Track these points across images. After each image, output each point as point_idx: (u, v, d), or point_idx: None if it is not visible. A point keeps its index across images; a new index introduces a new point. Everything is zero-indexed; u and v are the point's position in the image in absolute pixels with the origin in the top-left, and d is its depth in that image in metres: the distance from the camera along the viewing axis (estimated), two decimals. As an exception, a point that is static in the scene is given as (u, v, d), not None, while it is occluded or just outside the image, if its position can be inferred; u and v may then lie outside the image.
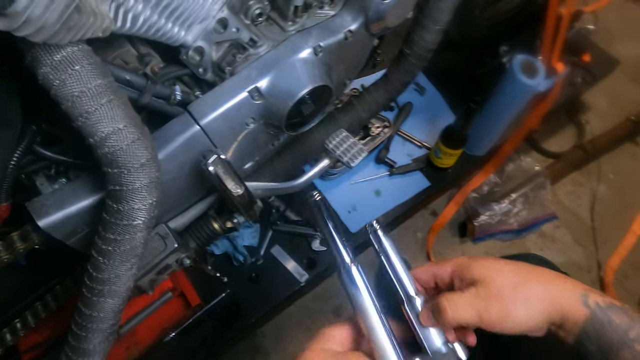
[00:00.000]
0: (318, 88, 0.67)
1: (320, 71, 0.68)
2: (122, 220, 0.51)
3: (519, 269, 0.44)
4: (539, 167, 1.47)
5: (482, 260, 0.45)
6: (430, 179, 1.25)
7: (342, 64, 0.75)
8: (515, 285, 0.42)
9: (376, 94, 0.90)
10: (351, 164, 0.67)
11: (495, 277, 0.43)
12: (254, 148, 0.72)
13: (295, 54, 0.66)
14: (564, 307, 0.42)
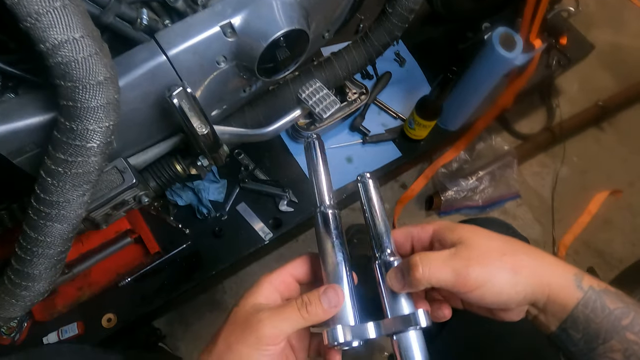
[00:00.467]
0: (294, 32, 0.64)
1: (298, 14, 0.65)
2: (74, 140, 0.49)
3: (507, 240, 0.40)
4: (508, 147, 1.50)
5: (465, 225, 0.41)
6: (402, 150, 1.26)
7: (321, 13, 0.73)
8: (503, 252, 0.38)
9: (355, 53, 0.89)
10: (323, 115, 0.66)
11: (481, 241, 0.39)
12: (224, 92, 0.69)
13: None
14: (553, 287, 0.37)
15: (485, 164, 1.48)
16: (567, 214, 1.46)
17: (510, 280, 0.37)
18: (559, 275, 0.38)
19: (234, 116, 0.78)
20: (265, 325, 0.36)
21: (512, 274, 0.37)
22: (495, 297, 0.37)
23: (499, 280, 0.37)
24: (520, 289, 0.37)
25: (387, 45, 0.89)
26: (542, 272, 0.38)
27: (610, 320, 0.36)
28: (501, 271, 0.37)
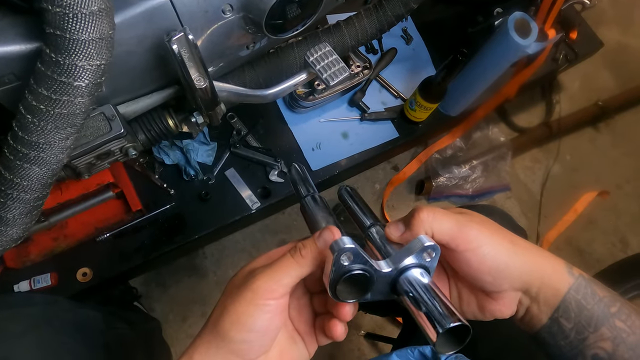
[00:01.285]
0: None
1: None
2: (60, 76, 0.44)
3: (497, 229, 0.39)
4: (504, 138, 1.49)
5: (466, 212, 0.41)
6: (400, 130, 1.23)
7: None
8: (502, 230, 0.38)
9: (366, 22, 0.84)
10: (330, 81, 0.62)
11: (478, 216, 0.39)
12: (226, 46, 0.64)
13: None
14: (546, 271, 0.38)
15: (480, 153, 1.47)
16: (554, 211, 1.47)
17: (509, 250, 0.37)
18: (551, 262, 0.38)
19: (233, 74, 0.73)
20: (261, 278, 0.34)
21: (511, 245, 0.37)
22: (493, 262, 0.36)
23: (498, 246, 0.37)
24: (518, 263, 0.37)
25: (400, 17, 0.85)
26: (537, 260, 0.38)
27: (601, 307, 0.37)
28: (501, 239, 0.37)
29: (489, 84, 1.12)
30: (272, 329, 0.34)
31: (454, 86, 1.14)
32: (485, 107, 1.30)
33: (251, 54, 0.74)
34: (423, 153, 1.44)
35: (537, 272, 0.37)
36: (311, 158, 1.15)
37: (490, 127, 1.49)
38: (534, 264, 0.38)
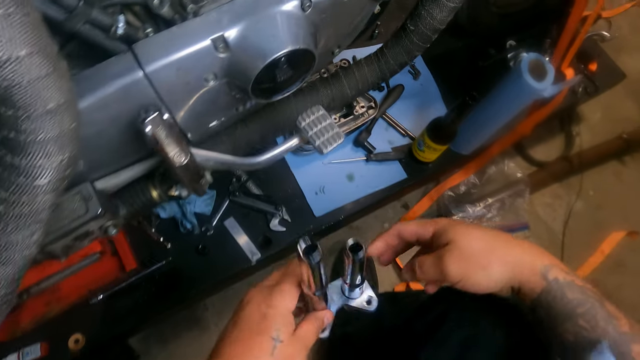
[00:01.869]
0: (298, 52, 0.55)
1: (304, 31, 0.56)
2: (18, 177, 0.40)
3: (486, 235, 0.47)
4: (521, 174, 1.41)
5: (457, 225, 0.48)
6: (408, 171, 1.17)
7: (333, 27, 0.63)
8: (479, 251, 0.45)
9: (367, 70, 0.79)
10: (323, 149, 0.57)
11: (465, 243, 0.46)
12: (211, 111, 0.60)
13: (279, 3, 0.54)
14: (524, 276, 0.45)
15: (495, 190, 1.39)
16: (578, 252, 1.37)
17: (484, 276, 0.45)
18: (530, 266, 0.44)
19: (225, 134, 0.69)
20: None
21: (485, 271, 0.45)
22: (475, 287, 0.46)
23: (474, 276, 0.45)
24: (496, 281, 0.45)
25: (404, 65, 0.79)
26: (516, 261, 0.45)
27: (568, 308, 0.42)
28: (476, 269, 0.45)
29: (502, 124, 1.06)
30: None
31: (466, 126, 1.08)
32: (500, 144, 1.23)
33: (242, 113, 0.70)
34: (434, 190, 1.37)
35: (515, 278, 0.45)
36: (314, 203, 1.10)
37: (505, 162, 1.41)
38: (514, 272, 0.45)
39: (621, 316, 0.41)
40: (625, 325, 0.40)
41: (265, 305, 0.43)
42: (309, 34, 0.57)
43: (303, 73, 0.61)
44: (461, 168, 1.33)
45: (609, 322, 0.40)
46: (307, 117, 0.59)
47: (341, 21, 0.64)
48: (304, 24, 0.56)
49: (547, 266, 0.44)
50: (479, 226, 0.49)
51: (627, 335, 0.40)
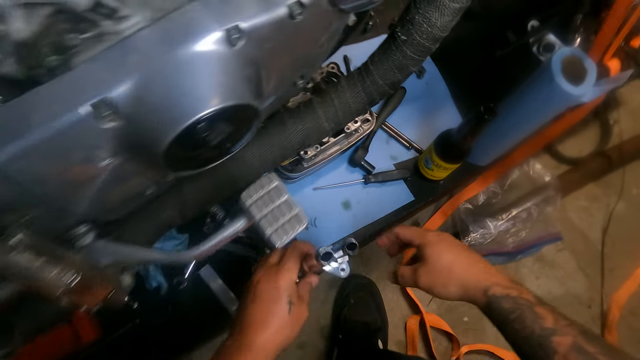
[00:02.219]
0: (228, 109, 0.37)
1: (235, 77, 0.37)
2: None
3: (453, 258, 0.55)
4: (550, 177, 1.21)
5: (434, 245, 0.57)
6: (415, 191, 0.99)
7: (286, 56, 0.44)
8: (441, 272, 0.55)
9: (349, 95, 0.61)
10: (277, 242, 0.40)
11: (433, 262, 0.56)
12: (121, 193, 0.43)
13: (190, 40, 0.36)
14: (471, 293, 0.53)
15: (520, 198, 1.19)
16: (621, 262, 1.17)
17: (444, 292, 0.55)
18: (475, 288, 0.53)
19: (147, 209, 0.52)
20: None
21: (445, 288, 0.55)
22: (438, 295, 0.56)
23: (437, 290, 0.56)
24: (453, 296, 0.55)
25: (396, 85, 0.60)
26: (466, 286, 0.53)
27: (503, 316, 0.49)
28: (438, 286, 0.55)
29: (527, 134, 0.86)
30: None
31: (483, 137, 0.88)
32: (524, 151, 1.03)
33: (160, 190, 0.53)
34: (448, 204, 1.18)
35: (467, 295, 0.54)
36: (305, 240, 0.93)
37: (530, 163, 1.21)
38: (465, 292, 0.54)
39: (547, 315, 0.47)
40: (550, 322, 0.46)
41: (276, 280, 0.53)
42: (243, 82, 0.38)
43: (244, 130, 0.43)
44: (478, 177, 1.14)
45: (535, 322, 0.47)
46: (255, 193, 0.41)
47: (298, 46, 0.45)
48: (234, 66, 0.37)
49: (489, 285, 0.51)
50: (454, 247, 0.57)
51: (549, 330, 0.46)
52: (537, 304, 0.48)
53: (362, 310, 1.04)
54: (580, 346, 0.43)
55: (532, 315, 0.46)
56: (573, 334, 0.44)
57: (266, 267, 0.55)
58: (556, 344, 0.44)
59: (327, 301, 1.10)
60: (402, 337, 1.10)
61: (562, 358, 0.43)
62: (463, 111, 1.05)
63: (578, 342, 0.43)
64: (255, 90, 0.39)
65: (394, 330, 1.09)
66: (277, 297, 0.52)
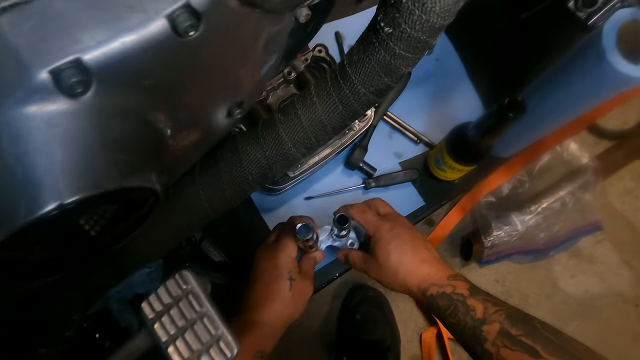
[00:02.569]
0: (87, 201, 0.23)
1: (89, 149, 0.23)
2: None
3: (397, 261, 0.54)
4: (588, 158, 1.02)
5: (383, 241, 0.56)
6: (427, 193, 0.83)
7: (190, 93, 0.29)
8: (387, 270, 0.55)
9: (322, 109, 0.45)
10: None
11: (380, 258, 0.55)
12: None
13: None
14: (413, 295, 0.54)
15: (552, 186, 1.02)
16: (673, 256, 1.01)
17: (389, 287, 0.56)
18: (417, 290, 0.53)
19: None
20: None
21: (390, 285, 0.56)
22: (384, 285, 0.57)
23: (383, 284, 0.56)
24: (395, 288, 0.55)
25: (384, 92, 0.44)
26: (407, 286, 0.54)
27: (440, 313, 0.50)
28: (383, 280, 0.56)
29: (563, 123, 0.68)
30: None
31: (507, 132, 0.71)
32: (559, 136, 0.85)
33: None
34: (467, 197, 1.02)
35: (409, 292, 0.54)
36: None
37: (564, 144, 1.02)
38: (407, 291, 0.54)
39: (478, 306, 0.48)
40: (479, 313, 0.47)
41: (274, 258, 0.56)
42: (104, 150, 0.23)
43: (142, 212, 0.29)
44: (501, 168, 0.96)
45: (467, 314, 0.48)
46: (159, 302, 0.27)
47: (206, 73, 0.29)
48: (83, 130, 0.22)
49: (427, 287, 0.52)
50: (403, 247, 0.55)
51: (479, 320, 0.47)
52: (469, 296, 0.49)
53: (370, 327, 0.91)
54: (506, 331, 0.44)
55: (464, 308, 0.48)
56: (500, 319, 0.45)
57: (264, 246, 0.59)
58: (486, 332, 0.45)
59: (331, 315, 0.98)
60: (417, 351, 0.98)
61: (492, 345, 0.44)
62: (482, 94, 0.87)
63: (504, 327, 0.44)
64: (138, 160, 0.25)
65: (407, 344, 0.97)
66: (277, 275, 0.54)
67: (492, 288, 1.03)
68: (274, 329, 0.53)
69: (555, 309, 1.02)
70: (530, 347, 0.41)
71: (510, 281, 1.03)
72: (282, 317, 0.53)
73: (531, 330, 0.43)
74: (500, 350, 0.43)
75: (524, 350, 0.42)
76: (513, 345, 0.42)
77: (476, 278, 1.03)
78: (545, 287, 1.03)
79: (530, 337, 0.42)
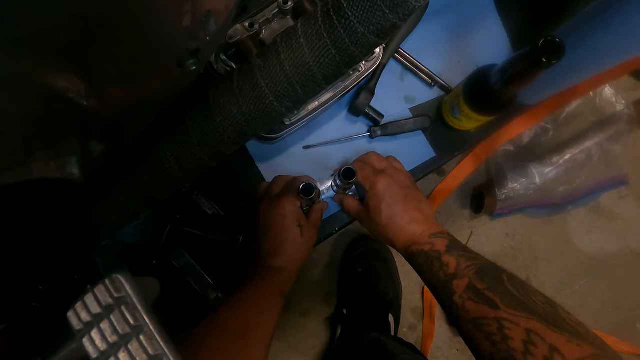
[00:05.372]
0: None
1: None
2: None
3: (389, 216, 0.56)
4: (623, 105, 0.91)
5: (378, 199, 0.57)
6: (438, 143, 0.75)
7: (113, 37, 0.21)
8: (377, 226, 0.57)
9: (309, 53, 0.37)
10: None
11: (373, 215, 0.57)
12: None
13: None
14: (397, 249, 0.56)
15: (578, 135, 0.93)
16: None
17: (377, 239, 0.61)
18: (401, 246, 0.55)
19: None
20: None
21: (377, 237, 0.59)
22: (374, 237, 0.61)
23: (372, 235, 0.59)
24: (383, 242, 0.58)
25: (388, 31, 0.35)
26: (394, 242, 0.56)
27: (418, 268, 0.53)
28: (373, 233, 0.58)
29: (603, 69, 0.57)
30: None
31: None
32: (593, 83, 0.74)
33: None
34: (483, 145, 0.93)
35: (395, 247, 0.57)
36: (296, 210, 0.75)
37: (598, 90, 0.91)
38: (393, 245, 0.57)
39: (451, 262, 0.50)
40: (452, 268, 0.49)
41: (282, 208, 0.58)
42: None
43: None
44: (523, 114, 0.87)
45: (441, 269, 0.50)
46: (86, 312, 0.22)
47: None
48: None
49: (409, 244, 0.54)
50: (396, 203, 0.56)
51: (450, 275, 0.49)
52: (445, 253, 0.51)
53: (372, 280, 0.89)
54: (473, 285, 0.46)
55: (438, 264, 0.50)
56: (469, 275, 0.47)
57: (268, 199, 0.62)
58: (455, 286, 0.47)
59: (331, 265, 0.96)
60: (419, 304, 0.96)
61: (459, 298, 0.46)
62: (511, 31, 0.75)
63: (472, 282, 0.46)
64: (40, 143, 0.18)
65: (409, 296, 0.96)
66: (288, 224, 0.58)
67: (502, 242, 0.98)
68: (291, 272, 0.56)
69: (565, 265, 0.97)
70: (491, 299, 0.43)
71: (522, 235, 0.98)
72: (297, 260, 0.57)
73: (495, 284, 0.45)
74: (466, 303, 0.45)
75: (485, 302, 0.43)
76: (477, 298, 0.44)
77: (486, 231, 0.97)
78: (558, 242, 0.98)
79: (492, 291, 0.44)
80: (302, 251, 0.58)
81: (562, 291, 0.95)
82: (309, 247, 0.60)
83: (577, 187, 0.94)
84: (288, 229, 0.58)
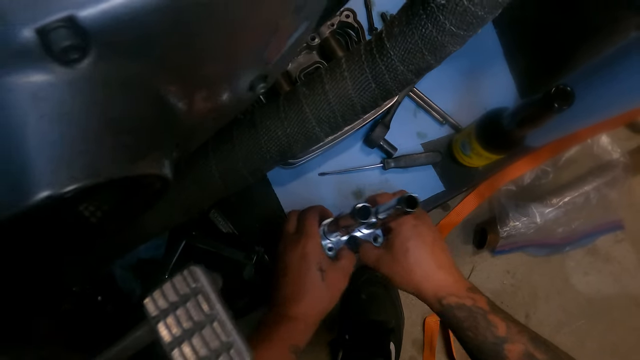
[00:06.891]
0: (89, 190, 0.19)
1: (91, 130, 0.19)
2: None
3: (416, 259, 0.51)
4: (619, 153, 0.97)
5: (406, 240, 0.52)
6: (447, 178, 0.79)
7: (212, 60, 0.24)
8: (402, 271, 0.52)
9: (351, 85, 0.40)
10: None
11: (398, 257, 0.52)
12: None
13: None
14: (425, 299, 0.52)
15: (577, 179, 0.97)
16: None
17: (400, 286, 0.53)
18: (432, 296, 0.51)
19: None
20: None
21: (401, 284, 0.53)
22: (395, 283, 0.54)
23: (394, 281, 0.53)
24: (408, 291, 0.53)
25: (424, 71, 0.39)
26: (422, 292, 0.51)
27: (456, 323, 0.49)
28: (396, 279, 0.53)
29: (606, 118, 0.62)
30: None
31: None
32: (594, 130, 0.79)
33: None
34: (485, 184, 0.97)
35: (423, 299, 0.52)
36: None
37: (595, 138, 0.96)
38: (421, 296, 0.52)
39: (500, 323, 0.47)
40: (502, 331, 0.47)
41: (300, 248, 0.53)
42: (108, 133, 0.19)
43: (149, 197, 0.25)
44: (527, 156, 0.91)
45: (488, 329, 0.47)
46: (164, 299, 0.24)
47: (235, 36, 0.24)
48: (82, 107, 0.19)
49: (444, 296, 0.50)
50: (424, 247, 0.52)
51: (501, 337, 0.46)
52: (490, 312, 0.48)
53: (375, 307, 0.90)
54: (531, 353, 0.44)
55: (485, 323, 0.47)
56: (523, 341, 0.45)
57: (286, 237, 0.56)
58: (507, 351, 0.45)
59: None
60: (419, 336, 0.97)
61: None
62: (517, 78, 0.81)
63: (528, 350, 0.45)
64: (147, 143, 0.21)
65: (410, 328, 0.96)
66: (307, 268, 0.52)
67: (502, 279, 1.00)
68: (307, 324, 0.51)
69: (564, 305, 0.99)
70: None
71: (522, 273, 1.00)
72: (316, 310, 0.51)
73: (554, 357, 0.44)
74: None
75: None
76: None
77: (487, 267, 1.00)
78: (557, 282, 1.00)
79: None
80: (324, 300, 0.52)
81: (561, 330, 0.97)
82: (333, 295, 0.53)
83: (576, 229, 0.98)
84: (307, 273, 0.51)
